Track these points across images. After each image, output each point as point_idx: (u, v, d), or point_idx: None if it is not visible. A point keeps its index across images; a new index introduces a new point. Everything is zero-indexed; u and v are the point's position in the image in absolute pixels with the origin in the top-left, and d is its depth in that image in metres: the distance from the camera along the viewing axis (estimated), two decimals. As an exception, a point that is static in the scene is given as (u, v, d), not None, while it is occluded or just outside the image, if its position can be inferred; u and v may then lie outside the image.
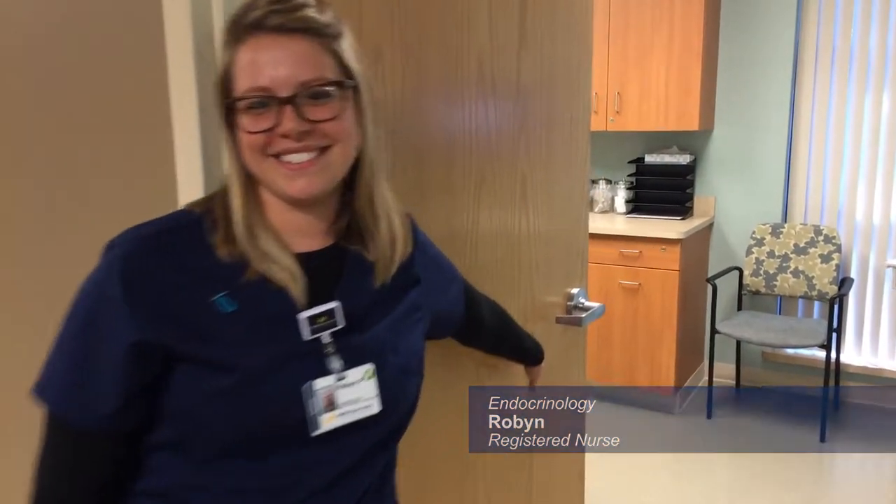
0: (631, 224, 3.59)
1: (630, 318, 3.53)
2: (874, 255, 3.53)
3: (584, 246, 1.75)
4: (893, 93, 3.38)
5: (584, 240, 1.75)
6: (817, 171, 3.61)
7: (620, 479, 2.93)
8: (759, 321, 3.44)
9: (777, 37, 3.56)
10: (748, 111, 3.68)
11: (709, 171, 3.83)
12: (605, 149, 4.10)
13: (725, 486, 2.98)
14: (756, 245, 3.66)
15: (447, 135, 1.22)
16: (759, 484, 2.94)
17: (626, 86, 3.60)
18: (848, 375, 3.65)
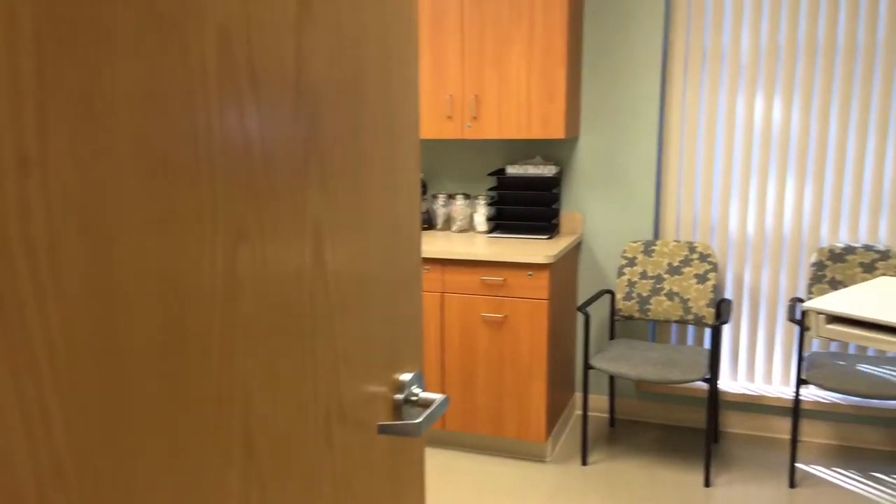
0: (493, 246, 3.20)
1: (495, 356, 3.13)
2: (749, 273, 3.36)
3: (417, 308, 1.27)
4: (766, 97, 3.22)
5: (416, 299, 1.27)
6: (688, 181, 3.40)
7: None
8: (635, 352, 3.15)
9: (644, 37, 3.31)
10: (615, 118, 3.41)
11: (575, 184, 3.53)
12: (462, 159, 3.70)
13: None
14: (628, 265, 3.39)
15: (157, 162, 0.71)
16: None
17: (484, 88, 3.22)
18: (726, 404, 3.46)
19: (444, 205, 3.67)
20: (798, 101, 3.17)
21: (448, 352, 3.20)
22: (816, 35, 3.11)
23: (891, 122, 3.05)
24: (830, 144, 3.15)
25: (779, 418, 3.38)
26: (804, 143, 3.19)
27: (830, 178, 3.17)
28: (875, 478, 2.98)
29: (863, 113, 3.08)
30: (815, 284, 3.13)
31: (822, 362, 2.98)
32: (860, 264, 3.09)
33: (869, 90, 3.06)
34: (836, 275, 3.11)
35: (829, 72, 3.11)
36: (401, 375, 1.19)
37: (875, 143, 3.09)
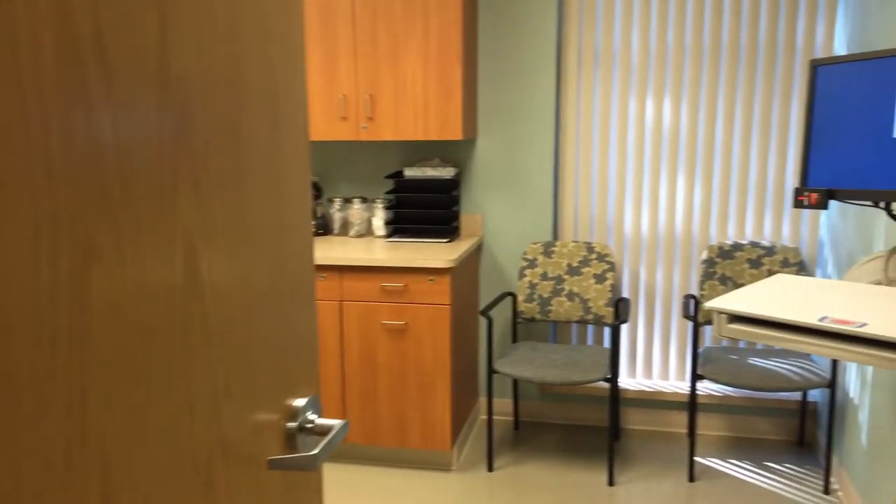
0: (393, 251, 3.11)
1: (398, 364, 3.04)
2: (644, 271, 3.44)
3: (310, 323, 1.16)
4: (656, 98, 3.30)
5: (310, 313, 1.16)
6: (585, 182, 3.43)
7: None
8: (538, 354, 3.15)
9: (538, 37, 3.32)
10: (512, 118, 3.40)
11: (475, 186, 3.49)
12: (359, 161, 3.59)
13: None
14: (528, 267, 3.38)
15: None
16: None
17: (379, 88, 3.12)
18: (627, 402, 3.52)
19: (340, 209, 3.55)
20: (686, 102, 3.26)
21: (348, 362, 3.08)
22: (702, 38, 3.21)
23: (773, 122, 3.20)
24: (717, 144, 3.27)
25: (676, 413, 3.47)
26: (693, 144, 3.29)
27: (718, 178, 3.29)
28: (768, 467, 3.11)
29: (746, 114, 3.21)
30: (706, 281, 3.23)
31: (715, 357, 3.08)
32: (748, 260, 3.22)
33: (752, 92, 3.19)
34: (725, 271, 3.23)
35: (714, 74, 3.22)
36: (294, 401, 1.08)
37: (758, 142, 3.23)
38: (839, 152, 1.70)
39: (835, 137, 1.71)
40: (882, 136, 1.62)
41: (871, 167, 1.64)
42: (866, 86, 1.65)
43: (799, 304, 1.56)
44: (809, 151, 1.78)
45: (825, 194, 1.72)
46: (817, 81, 1.76)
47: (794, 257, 3.15)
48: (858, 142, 1.66)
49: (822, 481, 2.97)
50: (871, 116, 1.64)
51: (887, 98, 1.60)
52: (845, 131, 1.69)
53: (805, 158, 1.78)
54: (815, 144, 1.76)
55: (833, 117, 1.72)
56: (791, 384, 2.77)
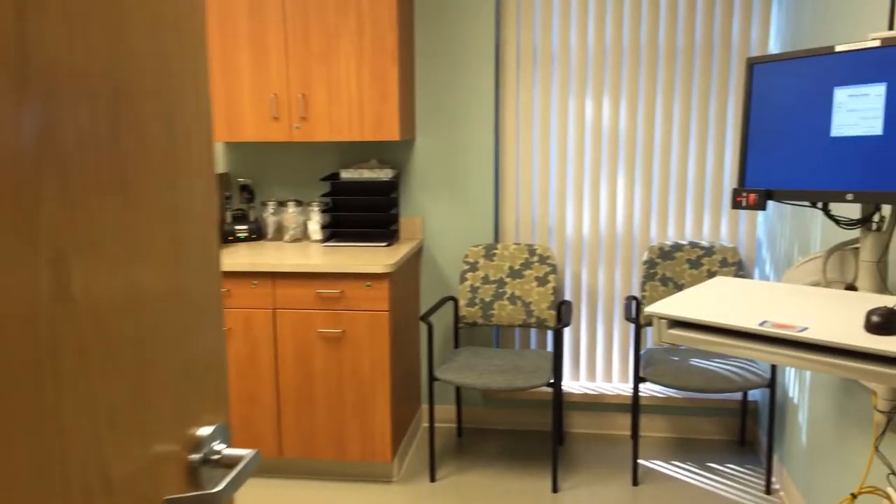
0: (329, 256, 3.00)
1: (335, 373, 2.93)
2: (586, 273, 3.41)
3: (217, 342, 1.06)
4: (595, 98, 3.27)
5: (216, 331, 1.06)
6: (526, 183, 3.39)
7: None
8: (480, 360, 3.08)
9: (476, 35, 3.25)
10: (451, 119, 3.33)
11: (414, 188, 3.41)
12: (293, 163, 3.46)
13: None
14: (470, 270, 3.32)
15: None
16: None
17: (312, 87, 3.00)
18: (570, 405, 3.49)
19: (274, 213, 3.41)
20: (625, 101, 3.25)
21: (283, 373, 2.95)
22: (640, 37, 3.20)
23: (710, 121, 3.21)
24: (656, 145, 3.26)
25: (620, 415, 3.45)
26: (632, 144, 3.28)
27: (658, 178, 3.28)
28: (710, 468, 3.11)
29: (684, 113, 3.22)
30: (647, 282, 3.22)
31: (657, 359, 3.07)
32: (687, 261, 3.22)
33: (689, 91, 3.20)
34: (666, 272, 3.22)
35: (652, 73, 3.21)
36: (198, 430, 0.97)
37: (696, 142, 3.23)
38: (777, 152, 1.68)
39: (772, 137, 1.69)
40: (819, 135, 1.60)
41: (809, 167, 1.62)
42: (803, 84, 1.63)
43: (740, 307, 1.52)
44: (747, 151, 1.75)
45: (763, 195, 1.69)
46: (754, 80, 1.74)
47: (733, 257, 3.17)
48: (796, 141, 1.64)
49: (763, 481, 2.98)
50: (809, 115, 1.62)
51: (824, 96, 1.59)
52: (783, 131, 1.67)
53: (742, 158, 1.75)
54: (753, 144, 1.73)
55: (770, 116, 1.70)
56: (732, 385, 2.77)
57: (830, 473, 2.33)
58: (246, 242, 3.38)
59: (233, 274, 2.91)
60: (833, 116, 1.57)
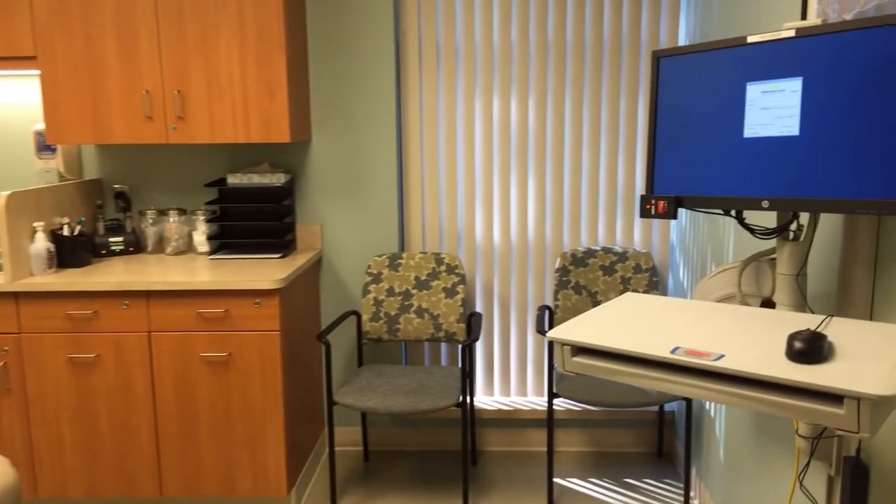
0: (215, 270, 2.72)
1: (221, 402, 2.65)
2: (498, 283, 3.24)
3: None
4: (503, 98, 3.10)
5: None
6: (432, 187, 3.19)
7: None
8: (384, 380, 2.86)
9: (374, 27, 3.03)
10: (350, 118, 3.09)
11: (311, 194, 3.16)
12: (174, 168, 3.15)
13: None
14: (373, 282, 3.09)
15: None
16: None
17: (190, 82, 2.71)
18: (483, 422, 3.31)
19: (153, 223, 3.09)
20: (534, 101, 3.09)
21: (161, 403, 2.65)
22: (546, 33, 3.05)
23: (620, 122, 3.09)
24: (567, 147, 3.12)
25: (535, 431, 3.30)
26: (542, 146, 3.13)
27: (569, 181, 3.15)
28: (628, 483, 2.99)
29: (594, 114, 3.09)
30: (560, 290, 3.07)
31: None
32: (601, 267, 3.09)
33: (598, 90, 3.07)
34: (579, 279, 3.09)
35: (560, 71, 3.07)
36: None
37: (607, 144, 3.11)
38: (687, 155, 1.53)
39: (682, 138, 1.54)
40: (732, 136, 1.45)
41: (721, 171, 1.47)
42: (714, 80, 1.48)
43: (650, 330, 1.36)
44: (655, 154, 1.59)
45: (673, 202, 1.54)
46: (661, 76, 1.59)
47: (647, 263, 3.06)
48: (707, 143, 1.49)
49: (681, 495, 2.88)
50: (720, 114, 1.47)
51: (735, 93, 1.44)
52: (693, 131, 1.52)
53: (651, 162, 1.60)
54: (662, 146, 1.58)
55: (680, 116, 1.55)
56: (648, 399, 2.65)
57: (748, 489, 2.22)
58: (122, 256, 3.05)
59: (100, 294, 2.59)
60: (746, 115, 1.43)
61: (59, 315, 2.60)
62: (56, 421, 2.67)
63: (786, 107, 1.37)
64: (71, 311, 2.60)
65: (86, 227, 3.04)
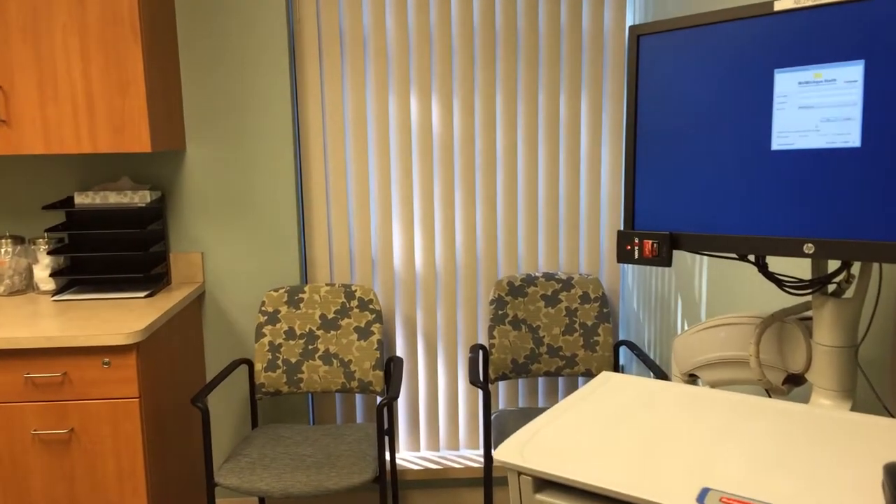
0: (58, 318, 2.13)
1: (62, 490, 2.06)
2: (421, 318, 2.75)
3: None
4: (422, 97, 2.62)
5: None
6: (339, 205, 2.68)
7: None
8: (282, 449, 2.33)
9: (262, 10, 2.50)
10: (235, 122, 2.55)
11: (187, 215, 2.59)
12: (9, 185, 2.53)
13: None
14: (269, 322, 2.55)
15: None
16: None
17: (15, 77, 2.12)
18: (408, 484, 2.82)
19: (-21, 256, 2.46)
20: (458, 101, 2.63)
21: (-19, 498, 2.04)
22: (471, 18, 2.59)
23: (560, 124, 2.67)
24: (498, 155, 2.67)
25: (470, 491, 2.83)
26: (469, 155, 2.67)
27: (502, 196, 2.70)
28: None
29: (529, 115, 2.65)
30: (496, 326, 2.62)
31: (512, 427, 2.46)
32: (542, 297, 2.66)
33: (534, 88, 2.64)
34: (517, 312, 2.64)
35: (489, 66, 2.61)
36: None
37: (545, 151, 2.68)
38: (685, 175, 1.08)
39: (677, 151, 1.09)
40: (753, 147, 1.02)
41: (737, 198, 1.03)
42: (724, 67, 1.04)
43: (654, 446, 0.90)
44: (637, 173, 1.14)
45: (666, 242, 1.09)
46: (642, 62, 1.13)
47: (595, 291, 2.64)
48: (715, 157, 1.05)
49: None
50: (735, 116, 1.03)
51: (758, 86, 1.00)
52: (694, 141, 1.08)
53: (630, 184, 1.15)
54: (648, 162, 1.13)
55: (673, 118, 1.10)
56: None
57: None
58: (-61, 299, 2.41)
59: None
60: (774, 118, 1.00)
61: None
62: None
63: (838, 105, 0.94)
64: None
65: None
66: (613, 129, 2.66)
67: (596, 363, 2.62)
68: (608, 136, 2.67)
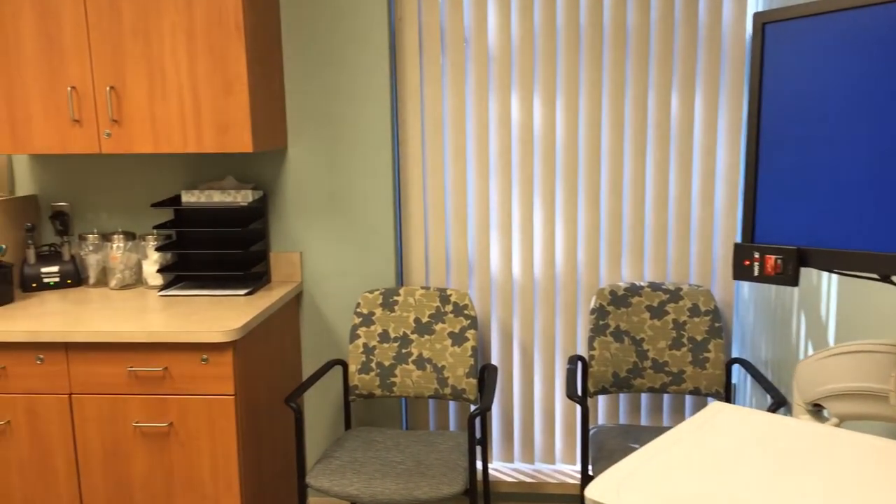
0: (163, 313, 2.20)
1: (161, 483, 2.12)
2: (518, 327, 2.67)
3: None
4: (524, 98, 2.54)
5: None
6: (437, 208, 2.63)
7: None
8: (373, 454, 2.31)
9: (364, 8, 2.49)
10: (334, 122, 2.55)
11: (288, 215, 2.62)
12: (121, 182, 2.64)
13: None
14: (363, 324, 2.54)
15: None
16: None
17: (126, 77, 2.20)
18: (500, 496, 2.74)
19: (94, 250, 2.58)
20: (562, 102, 2.53)
21: (87, 481, 2.13)
22: (578, 16, 2.48)
23: (671, 128, 2.51)
24: (604, 157, 2.55)
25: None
26: (573, 157, 2.56)
27: (607, 201, 2.57)
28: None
29: (638, 116, 2.51)
30: (596, 337, 2.50)
31: (611, 447, 2.34)
32: (647, 308, 2.51)
33: (644, 86, 2.50)
34: (620, 323, 2.51)
35: (596, 64, 2.50)
36: None
37: (655, 153, 2.53)
38: (819, 181, 0.95)
39: (808, 153, 0.97)
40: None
41: (878, 210, 0.90)
42: (869, 56, 0.90)
43: (765, 497, 0.78)
44: (758, 179, 1.02)
45: (793, 258, 0.96)
46: (767, 54, 1.01)
47: (707, 303, 2.47)
48: (857, 162, 0.92)
49: None
50: (881, 116, 0.89)
51: (911, 79, 0.87)
52: (830, 142, 0.94)
53: (751, 192, 1.03)
54: (771, 167, 1.00)
55: (804, 117, 0.97)
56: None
57: None
58: (58, 290, 2.54)
59: (7, 345, 2.07)
60: (930, 116, 0.85)
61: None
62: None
63: None
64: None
65: (10, 256, 2.53)
66: (730, 129, 2.48)
67: (705, 381, 2.46)
68: (724, 136, 2.49)
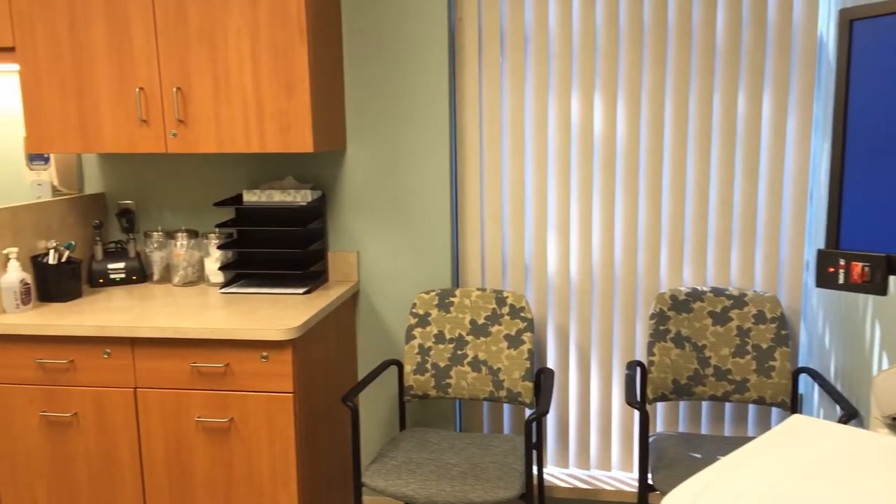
0: (224, 310, 2.24)
1: (221, 476, 2.15)
2: (575, 331, 2.63)
3: None
4: (584, 97, 2.51)
5: None
6: (494, 209, 2.62)
7: None
8: (428, 455, 2.30)
9: (424, 8, 2.49)
10: (393, 123, 2.56)
11: (346, 215, 2.64)
12: (186, 180, 2.70)
13: None
14: (419, 325, 2.54)
15: None
16: None
17: (192, 78, 2.24)
18: (554, 502, 2.71)
19: (158, 247, 2.65)
20: (624, 100, 2.48)
21: (151, 474, 2.18)
22: (642, 13, 2.43)
23: (738, 128, 2.44)
24: (666, 158, 2.50)
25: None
26: (633, 157, 2.51)
27: (668, 203, 2.52)
28: None
29: (703, 116, 2.45)
30: (656, 343, 2.44)
31: (671, 456, 2.29)
32: (710, 314, 2.45)
33: (709, 84, 2.43)
34: (681, 328, 2.45)
35: (660, 62, 2.44)
36: None
37: (719, 154, 2.47)
38: (911, 186, 0.91)
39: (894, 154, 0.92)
40: None
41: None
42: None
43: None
44: (844, 182, 0.97)
45: (882, 266, 0.92)
46: (855, 53, 0.97)
47: (773, 310, 2.40)
48: (954, 166, 0.87)
49: None
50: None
51: None
52: (924, 145, 0.90)
53: (837, 196, 0.98)
54: (857, 169, 0.96)
55: (890, 114, 0.92)
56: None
57: None
58: (124, 286, 2.61)
59: (76, 339, 2.14)
60: None
61: (30, 363, 2.17)
62: (28, 488, 2.24)
63: None
64: (43, 359, 2.16)
65: (78, 252, 2.61)
66: (800, 131, 2.40)
67: (770, 390, 2.38)
68: (793, 138, 2.41)
